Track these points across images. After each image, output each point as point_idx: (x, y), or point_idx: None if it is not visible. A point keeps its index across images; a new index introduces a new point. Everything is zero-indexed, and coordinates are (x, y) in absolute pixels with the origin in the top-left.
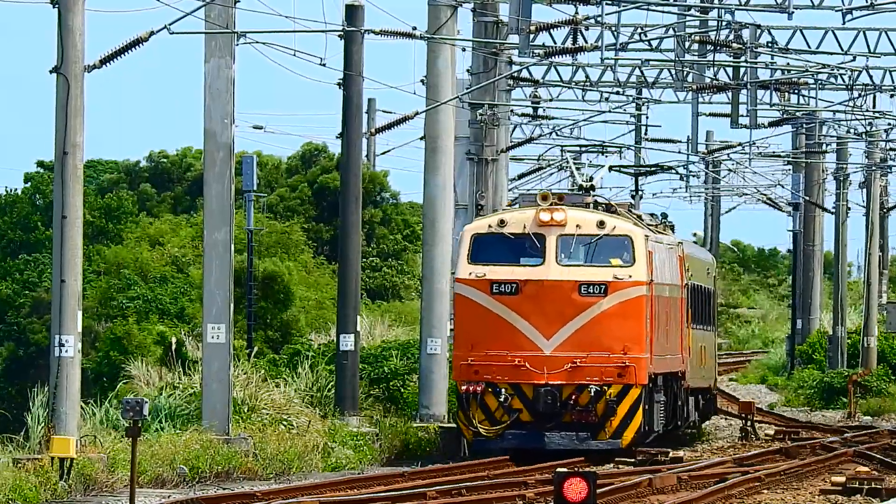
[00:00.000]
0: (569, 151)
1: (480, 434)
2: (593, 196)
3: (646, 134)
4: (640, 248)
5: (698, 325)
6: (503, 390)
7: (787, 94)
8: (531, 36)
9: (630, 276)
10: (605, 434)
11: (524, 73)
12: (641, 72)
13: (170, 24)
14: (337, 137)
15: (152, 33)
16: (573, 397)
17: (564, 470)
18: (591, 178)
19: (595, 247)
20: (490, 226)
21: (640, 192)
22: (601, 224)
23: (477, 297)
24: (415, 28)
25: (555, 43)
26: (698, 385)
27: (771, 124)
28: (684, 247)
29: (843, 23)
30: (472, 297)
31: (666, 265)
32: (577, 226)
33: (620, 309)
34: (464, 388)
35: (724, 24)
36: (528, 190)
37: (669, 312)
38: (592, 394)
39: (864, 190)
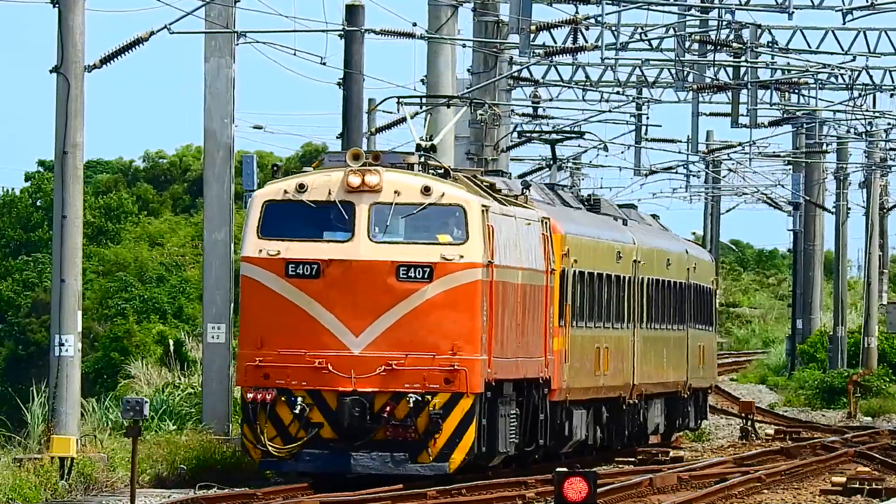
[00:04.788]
0: (406, 104)
1: (270, 454)
2: (422, 155)
3: (646, 134)
4: (476, 220)
5: (614, 323)
6: (300, 399)
7: (787, 93)
8: (531, 36)
9: (461, 257)
10: (428, 455)
11: (524, 73)
12: (642, 71)
13: (170, 24)
14: (337, 137)
15: (152, 33)
16: (388, 409)
17: (565, 469)
18: (433, 137)
19: (418, 219)
20: (286, 191)
21: (557, 162)
22: (426, 190)
23: (268, 280)
24: (415, 25)
25: (555, 43)
26: (597, 395)
27: (771, 124)
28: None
29: (844, 23)
30: (261, 280)
31: (518, 245)
32: (396, 192)
33: (449, 297)
34: (250, 395)
35: (724, 23)
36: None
37: (524, 304)
38: (412, 404)
39: (864, 190)
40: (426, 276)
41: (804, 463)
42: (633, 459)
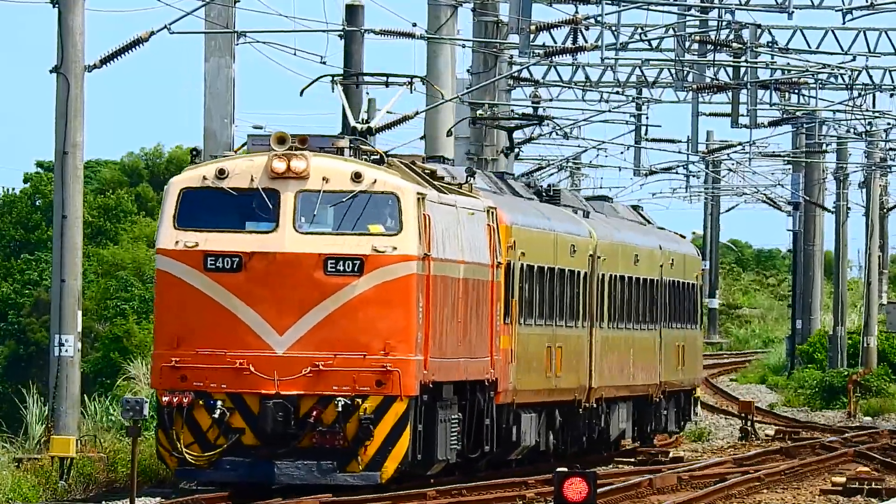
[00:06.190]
0: (340, 83)
1: (188, 462)
2: (353, 140)
3: (646, 134)
4: (410, 209)
5: (567, 321)
6: (219, 403)
7: (787, 93)
8: (531, 36)
9: (395, 249)
10: (358, 464)
11: (524, 73)
12: (641, 71)
13: (170, 24)
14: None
15: (152, 33)
16: (314, 413)
17: (564, 469)
18: (368, 120)
19: (348, 208)
20: (205, 177)
21: (514, 150)
22: (357, 177)
23: (185, 274)
24: (415, 25)
25: (555, 43)
26: (549, 398)
27: (771, 124)
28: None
29: (843, 23)
30: (178, 274)
31: (459, 236)
32: (325, 179)
33: (381, 293)
34: (166, 398)
35: (724, 23)
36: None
37: (466, 300)
38: (340, 409)
39: (864, 189)
40: (356, 269)
41: (804, 463)
42: (632, 459)
